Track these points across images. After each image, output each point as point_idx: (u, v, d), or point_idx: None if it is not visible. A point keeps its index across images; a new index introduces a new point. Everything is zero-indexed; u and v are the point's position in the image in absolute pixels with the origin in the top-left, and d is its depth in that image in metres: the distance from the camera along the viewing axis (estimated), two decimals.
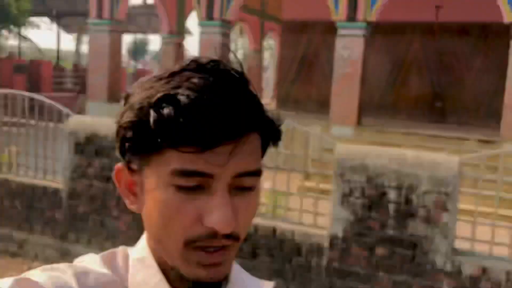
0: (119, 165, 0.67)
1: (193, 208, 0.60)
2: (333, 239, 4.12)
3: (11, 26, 16.98)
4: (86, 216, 5.13)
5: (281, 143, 0.70)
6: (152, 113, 0.58)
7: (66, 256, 5.26)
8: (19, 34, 24.07)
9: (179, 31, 15.08)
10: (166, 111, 0.58)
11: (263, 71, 21.49)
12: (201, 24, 11.40)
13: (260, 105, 0.64)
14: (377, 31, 13.19)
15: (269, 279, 3.81)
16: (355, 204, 4.01)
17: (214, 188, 0.60)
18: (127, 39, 43.41)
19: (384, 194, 3.92)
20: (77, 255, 2.68)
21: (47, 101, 5.43)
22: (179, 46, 15.30)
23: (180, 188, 0.59)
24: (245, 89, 0.63)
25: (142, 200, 0.65)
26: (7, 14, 14.41)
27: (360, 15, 10.06)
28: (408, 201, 3.85)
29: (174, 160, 0.59)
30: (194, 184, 0.59)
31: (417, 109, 13.25)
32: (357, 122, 10.29)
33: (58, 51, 24.62)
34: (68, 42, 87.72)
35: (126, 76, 25.31)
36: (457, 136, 9.51)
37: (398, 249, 3.92)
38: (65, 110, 5.28)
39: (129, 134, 0.61)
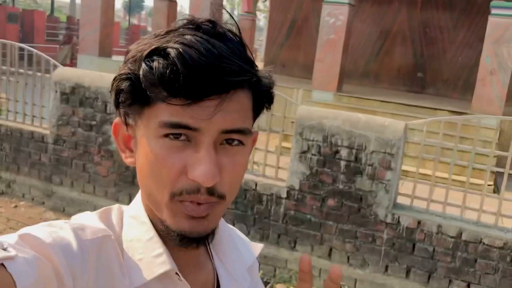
0: (117, 120, 0.70)
1: (179, 160, 0.62)
2: (290, 190, 4.58)
3: None
4: (70, 161, 5.55)
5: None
6: (142, 65, 0.61)
7: (50, 197, 5.71)
8: None
9: None
10: (155, 63, 0.60)
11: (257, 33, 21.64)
12: None
13: (251, 64, 0.65)
14: (365, 2, 13.49)
15: (233, 224, 4.33)
16: (311, 160, 4.46)
17: (200, 142, 0.62)
18: None
19: (337, 152, 4.36)
20: (60, 196, 3.39)
21: (36, 52, 5.76)
22: (172, 3, 15.42)
23: (166, 136, 0.62)
24: (236, 47, 0.63)
25: (136, 154, 0.68)
26: None
27: None
28: (357, 159, 4.30)
29: (163, 112, 0.61)
30: (180, 133, 0.61)
31: (399, 78, 13.62)
32: (338, 88, 10.65)
33: (52, 2, 24.48)
34: None
35: (119, 31, 25.36)
36: (431, 106, 9.93)
37: (346, 202, 4.39)
38: (52, 60, 5.62)
39: (122, 85, 0.63)
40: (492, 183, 6.97)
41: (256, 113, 0.69)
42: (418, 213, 4.28)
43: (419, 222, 4.19)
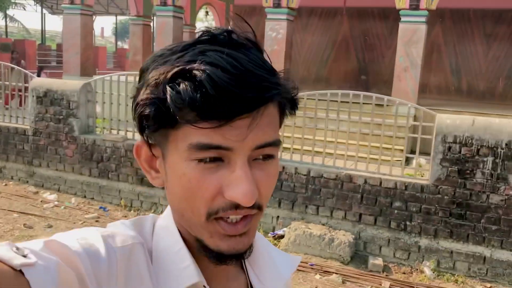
0: (139, 141, 0.68)
1: (214, 181, 0.60)
2: None
3: None
4: (45, 147, 7.38)
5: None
6: (168, 90, 0.58)
7: (32, 176, 7.52)
8: (5, 15, 26.06)
9: (145, 14, 17.12)
10: (182, 86, 0.58)
11: None
12: (156, 9, 13.54)
13: (275, 74, 0.63)
14: (313, 15, 15.46)
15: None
16: None
17: (233, 161, 0.60)
18: (112, 20, 45.10)
19: None
20: (40, 175, 6.31)
21: (17, 67, 7.65)
22: (147, 27, 17.41)
23: (199, 161, 0.60)
24: (259, 59, 0.62)
25: (164, 174, 0.66)
26: None
27: (283, 2, 12.19)
28: None
29: (192, 134, 0.59)
30: (213, 156, 0.60)
31: (346, 81, 15.51)
32: None
33: (42, 31, 26.53)
34: (55, 23, 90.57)
35: (105, 55, 27.39)
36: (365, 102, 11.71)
37: None
38: (29, 73, 7.50)
39: (147, 111, 0.61)
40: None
41: (282, 120, 0.68)
42: (282, 161, 6.08)
43: (283, 167, 6.00)
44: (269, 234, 5.95)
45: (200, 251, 0.66)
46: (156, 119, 0.60)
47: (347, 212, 5.73)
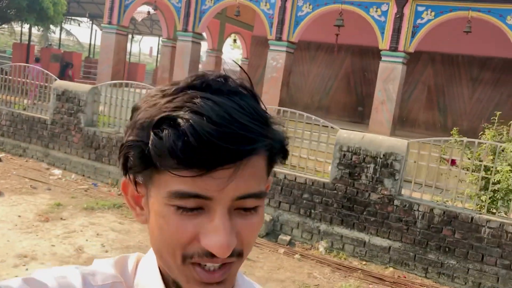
0: (125, 179, 0.68)
1: (191, 227, 0.60)
2: None
3: (50, 25, 21.81)
4: (59, 134, 9.41)
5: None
6: (152, 135, 0.59)
7: (47, 156, 9.55)
8: (60, 29, 29.11)
9: (174, 37, 19.36)
10: (164, 133, 0.58)
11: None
12: (177, 34, 15.67)
13: (265, 122, 0.62)
14: (320, 49, 17.27)
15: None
16: None
17: (213, 209, 0.60)
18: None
19: None
20: (53, 156, 9.07)
21: (49, 73, 9.79)
22: (175, 49, 19.64)
23: (179, 208, 0.60)
24: (251, 107, 0.61)
25: (147, 213, 0.66)
26: (46, 14, 19.10)
27: (284, 36, 14.05)
28: None
29: (172, 181, 0.59)
30: (193, 206, 0.60)
31: (344, 111, 17.13)
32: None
33: (90, 45, 29.43)
34: None
35: (145, 70, 30.05)
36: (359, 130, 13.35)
37: None
38: (53, 76, 9.61)
39: (131, 153, 0.62)
40: None
41: (270, 169, 0.67)
42: None
43: None
44: None
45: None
46: (139, 161, 0.61)
47: (270, 200, 7.39)
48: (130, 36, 29.66)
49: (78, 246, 5.72)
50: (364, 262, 6.70)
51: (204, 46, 20.48)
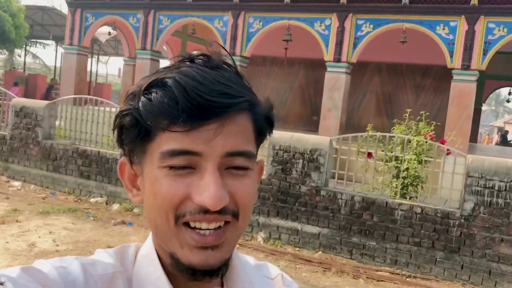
0: (122, 159, 0.70)
1: (183, 187, 0.62)
2: None
3: (14, 48, 22.29)
4: (18, 148, 9.95)
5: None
6: (142, 98, 0.62)
7: (7, 170, 10.05)
8: (25, 53, 29.49)
9: (136, 56, 20.01)
10: (153, 95, 0.61)
11: None
12: (136, 52, 16.36)
13: (248, 89, 0.67)
14: (275, 64, 18.15)
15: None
16: None
17: (204, 167, 0.62)
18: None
19: None
20: (12, 169, 9.85)
21: (7, 92, 10.34)
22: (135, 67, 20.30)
23: (170, 168, 0.62)
24: (233, 77, 0.65)
25: (143, 191, 0.68)
26: (7, 38, 19.60)
27: (237, 51, 14.84)
28: None
29: (164, 142, 0.62)
30: (184, 164, 0.62)
31: (300, 121, 17.98)
32: None
33: (55, 67, 29.82)
34: None
35: (110, 90, 30.56)
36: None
37: None
38: (12, 94, 10.17)
39: (124, 122, 0.64)
40: None
41: (259, 138, 0.69)
42: None
43: None
44: None
45: (174, 269, 0.66)
46: (133, 129, 0.63)
47: None
48: (96, 57, 30.22)
49: (31, 242, 6.29)
50: (297, 249, 7.42)
51: (165, 63, 21.13)
